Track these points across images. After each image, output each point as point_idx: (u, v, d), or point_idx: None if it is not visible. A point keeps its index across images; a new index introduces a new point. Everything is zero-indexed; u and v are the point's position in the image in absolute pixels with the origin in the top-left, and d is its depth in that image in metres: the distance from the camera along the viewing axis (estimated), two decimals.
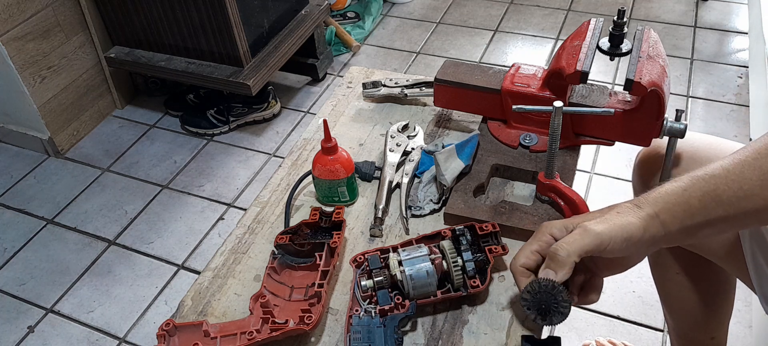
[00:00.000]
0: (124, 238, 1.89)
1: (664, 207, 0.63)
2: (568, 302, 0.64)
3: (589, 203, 0.82)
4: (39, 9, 2.00)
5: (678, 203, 0.63)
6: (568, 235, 0.65)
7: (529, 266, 0.68)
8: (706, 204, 0.63)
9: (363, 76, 1.21)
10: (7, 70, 1.98)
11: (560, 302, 0.64)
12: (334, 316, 0.81)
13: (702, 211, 0.63)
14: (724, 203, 0.62)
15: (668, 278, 1.11)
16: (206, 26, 1.99)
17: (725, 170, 0.63)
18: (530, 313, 0.66)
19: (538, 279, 0.65)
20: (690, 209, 0.63)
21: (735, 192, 0.62)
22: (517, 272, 0.69)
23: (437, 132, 1.07)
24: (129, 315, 1.68)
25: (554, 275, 0.64)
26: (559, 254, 0.64)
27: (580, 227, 0.65)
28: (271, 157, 2.14)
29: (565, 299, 0.64)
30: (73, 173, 2.14)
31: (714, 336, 1.16)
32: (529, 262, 0.68)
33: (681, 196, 0.63)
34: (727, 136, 2.00)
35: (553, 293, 0.64)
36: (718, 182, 0.63)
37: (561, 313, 0.64)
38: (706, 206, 0.63)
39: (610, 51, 0.93)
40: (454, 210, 0.89)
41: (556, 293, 0.64)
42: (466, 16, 2.78)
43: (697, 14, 2.65)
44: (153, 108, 2.38)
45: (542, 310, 0.65)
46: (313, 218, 0.88)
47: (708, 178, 0.63)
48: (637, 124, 0.91)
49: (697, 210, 0.63)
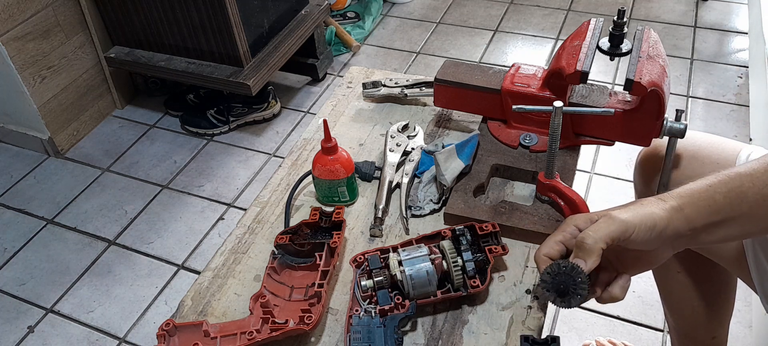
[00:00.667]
0: (124, 238, 1.89)
1: (689, 201, 0.64)
2: (586, 284, 0.64)
3: (589, 203, 0.82)
4: (39, 9, 2.00)
5: (703, 198, 0.64)
6: (594, 224, 0.65)
7: (553, 256, 0.69)
8: (731, 200, 0.63)
9: (363, 76, 1.21)
10: (7, 70, 1.98)
11: (579, 284, 0.64)
12: (334, 316, 0.81)
13: (726, 207, 0.63)
14: (749, 200, 0.63)
15: (669, 277, 1.11)
16: (206, 26, 1.99)
17: (752, 169, 0.64)
18: (549, 294, 0.66)
19: (559, 261, 0.66)
20: (715, 205, 0.63)
21: (760, 190, 0.62)
22: (540, 262, 0.69)
23: (437, 132, 1.07)
24: (129, 315, 1.68)
25: (584, 263, 0.64)
26: (586, 242, 0.64)
27: (606, 215, 0.65)
28: (271, 157, 2.14)
29: (583, 280, 0.64)
30: (73, 173, 2.14)
31: (715, 336, 1.16)
32: (552, 252, 0.68)
33: (706, 191, 0.64)
34: (727, 136, 1.99)
35: (572, 274, 0.64)
36: (744, 179, 0.63)
37: (579, 294, 0.65)
38: (732, 202, 0.63)
39: (610, 51, 0.93)
40: (454, 210, 0.89)
41: (575, 275, 0.64)
42: (466, 16, 2.78)
43: (697, 14, 2.65)
44: (153, 108, 2.38)
45: (561, 291, 0.66)
46: (313, 218, 0.88)
47: (734, 175, 0.64)
48: (637, 124, 0.91)
49: (722, 206, 0.63)
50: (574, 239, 0.67)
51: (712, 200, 0.63)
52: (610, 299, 0.69)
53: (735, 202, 0.63)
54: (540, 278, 0.67)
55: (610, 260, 0.69)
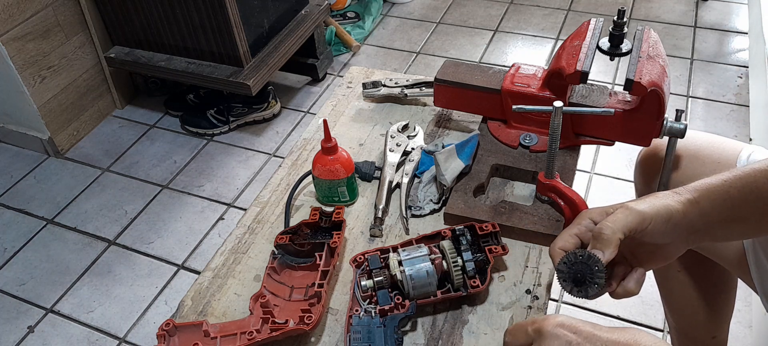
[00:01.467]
0: (124, 238, 1.89)
1: (705, 195, 0.64)
2: (603, 273, 0.64)
3: (589, 203, 0.82)
4: (39, 9, 2.00)
5: (718, 192, 0.64)
6: (611, 215, 0.65)
7: (568, 249, 0.68)
8: (746, 196, 0.63)
9: (363, 76, 1.21)
10: (7, 70, 1.98)
11: (596, 273, 0.64)
12: (334, 316, 0.81)
13: (741, 203, 0.63)
14: (765, 197, 0.63)
15: (670, 277, 1.11)
16: (206, 26, 1.99)
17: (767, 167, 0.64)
18: (566, 285, 0.66)
19: (575, 251, 0.65)
20: (730, 200, 0.64)
21: None
22: (554, 255, 0.69)
23: (437, 132, 1.07)
24: (129, 315, 1.68)
25: (601, 255, 0.64)
26: (604, 232, 0.64)
27: (623, 207, 0.65)
28: (271, 157, 2.14)
29: (600, 269, 0.63)
30: (73, 172, 2.14)
31: (715, 335, 1.16)
32: (567, 245, 0.68)
33: (721, 186, 0.64)
34: (727, 136, 1.99)
35: (589, 263, 0.64)
36: (759, 175, 0.64)
37: (597, 283, 0.64)
38: (746, 198, 0.63)
39: (610, 51, 0.93)
40: (454, 210, 0.89)
41: (592, 264, 0.63)
42: (466, 16, 2.78)
43: (697, 14, 2.65)
44: (153, 108, 2.38)
45: (578, 280, 0.65)
46: (313, 218, 0.88)
47: (749, 171, 0.64)
48: (637, 124, 0.91)
49: (738, 202, 0.63)
50: (590, 232, 0.67)
51: (727, 195, 0.64)
52: (625, 293, 0.69)
53: (750, 198, 0.63)
54: (556, 268, 0.67)
55: (624, 254, 0.69)
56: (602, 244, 0.64)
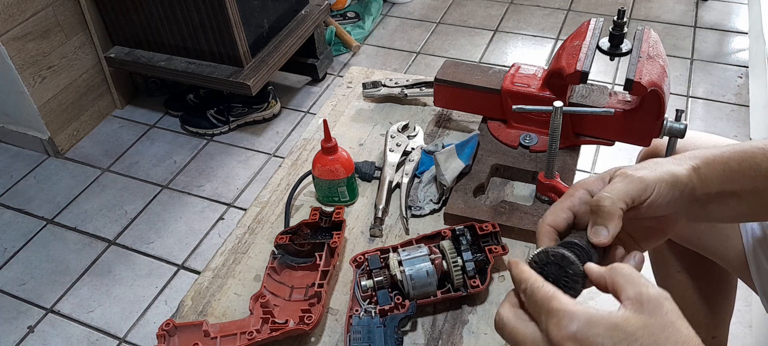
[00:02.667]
0: (124, 238, 1.89)
1: (705, 163, 0.61)
2: (579, 277, 0.53)
3: None
4: (39, 9, 2.00)
5: (718, 162, 0.61)
6: (609, 184, 0.57)
7: (558, 225, 0.58)
8: (745, 170, 0.62)
9: (363, 76, 1.21)
10: (7, 70, 1.98)
11: (570, 276, 0.53)
12: (334, 316, 0.81)
13: (740, 176, 0.62)
14: (763, 173, 0.62)
15: (669, 276, 1.11)
16: (206, 26, 1.99)
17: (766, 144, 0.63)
18: None
19: (548, 248, 0.55)
20: (729, 171, 0.61)
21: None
22: (541, 232, 0.58)
23: (437, 132, 1.07)
24: (129, 315, 1.68)
25: (605, 231, 0.55)
26: (603, 204, 0.55)
27: (620, 174, 0.57)
28: (271, 157, 2.14)
29: (576, 272, 0.53)
30: (73, 173, 2.14)
31: (715, 335, 1.16)
32: (557, 220, 0.58)
33: (721, 156, 0.62)
34: (727, 136, 1.99)
35: (563, 264, 0.53)
36: (757, 152, 0.62)
37: (571, 288, 0.53)
38: (745, 171, 0.62)
39: (610, 51, 0.93)
40: (454, 210, 0.89)
41: (566, 265, 0.53)
42: (466, 16, 2.78)
43: (697, 14, 2.65)
44: (153, 108, 2.38)
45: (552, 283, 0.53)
46: (313, 218, 0.88)
47: (748, 147, 0.63)
48: (637, 124, 0.91)
49: (737, 174, 0.62)
50: (585, 204, 0.58)
51: (726, 166, 0.61)
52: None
53: (748, 172, 0.62)
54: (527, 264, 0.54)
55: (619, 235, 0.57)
56: (603, 218, 0.55)
